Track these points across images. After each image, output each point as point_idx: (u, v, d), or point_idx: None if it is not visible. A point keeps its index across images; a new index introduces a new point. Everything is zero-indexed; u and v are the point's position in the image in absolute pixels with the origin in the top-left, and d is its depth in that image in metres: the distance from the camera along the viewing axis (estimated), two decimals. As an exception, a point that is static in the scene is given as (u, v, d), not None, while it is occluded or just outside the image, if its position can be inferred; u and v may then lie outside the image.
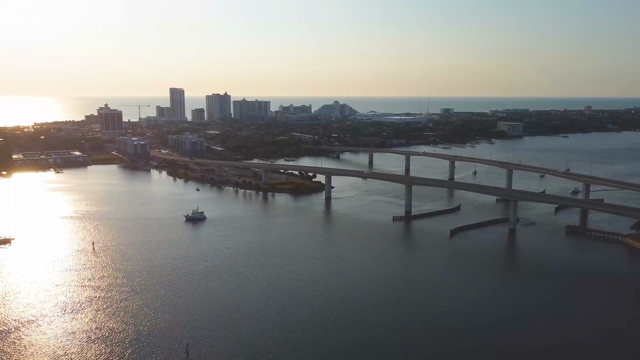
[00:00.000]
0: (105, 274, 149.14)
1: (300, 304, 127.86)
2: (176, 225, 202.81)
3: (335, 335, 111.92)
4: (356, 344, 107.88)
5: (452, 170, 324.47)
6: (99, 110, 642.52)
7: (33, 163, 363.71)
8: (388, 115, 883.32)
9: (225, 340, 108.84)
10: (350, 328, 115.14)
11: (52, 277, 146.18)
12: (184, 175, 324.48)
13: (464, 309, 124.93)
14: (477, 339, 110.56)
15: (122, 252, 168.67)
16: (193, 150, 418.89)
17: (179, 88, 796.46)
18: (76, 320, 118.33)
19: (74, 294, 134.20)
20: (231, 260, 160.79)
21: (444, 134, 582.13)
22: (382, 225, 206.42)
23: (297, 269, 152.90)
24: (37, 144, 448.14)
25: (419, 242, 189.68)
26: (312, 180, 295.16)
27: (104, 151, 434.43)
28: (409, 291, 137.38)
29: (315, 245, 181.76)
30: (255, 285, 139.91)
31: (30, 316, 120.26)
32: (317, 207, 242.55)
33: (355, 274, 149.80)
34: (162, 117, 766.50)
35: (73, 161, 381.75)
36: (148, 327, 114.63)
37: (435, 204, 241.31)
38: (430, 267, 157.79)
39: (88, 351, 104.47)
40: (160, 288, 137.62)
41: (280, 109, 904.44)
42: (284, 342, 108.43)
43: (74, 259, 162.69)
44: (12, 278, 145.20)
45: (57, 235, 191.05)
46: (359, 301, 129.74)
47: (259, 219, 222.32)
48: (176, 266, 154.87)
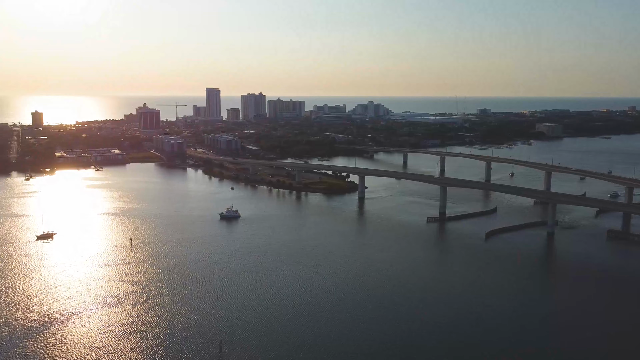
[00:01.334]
0: (142, 269, 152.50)
1: (332, 303, 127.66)
2: (211, 223, 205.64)
3: (367, 335, 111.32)
4: (389, 346, 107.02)
5: (489, 171, 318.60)
6: (138, 110, 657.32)
7: (75, 160, 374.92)
8: (423, 115, 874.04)
9: (257, 338, 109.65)
10: (383, 329, 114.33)
11: (92, 271, 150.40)
12: (219, 174, 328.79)
13: (498, 313, 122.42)
14: (512, 345, 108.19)
15: (159, 249, 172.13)
16: (228, 150, 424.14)
17: (215, 88, 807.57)
18: (114, 314, 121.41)
19: (112, 288, 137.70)
20: (264, 258, 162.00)
21: (480, 134, 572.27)
22: (415, 226, 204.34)
23: (329, 269, 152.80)
24: (78, 142, 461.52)
25: (454, 244, 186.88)
26: (345, 180, 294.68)
27: (142, 149, 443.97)
28: (444, 294, 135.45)
29: (348, 245, 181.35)
30: (287, 284, 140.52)
31: (71, 309, 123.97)
32: (350, 207, 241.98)
33: (388, 274, 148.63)
34: (199, 116, 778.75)
35: (112, 159, 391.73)
36: (182, 323, 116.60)
37: (471, 205, 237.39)
38: (465, 270, 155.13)
39: (124, 344, 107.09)
40: (195, 284, 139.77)
41: (315, 108, 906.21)
42: (315, 341, 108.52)
43: (113, 254, 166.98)
44: (53, 271, 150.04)
45: (97, 230, 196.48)
46: (392, 302, 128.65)
47: (292, 218, 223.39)
48: (210, 263, 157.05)
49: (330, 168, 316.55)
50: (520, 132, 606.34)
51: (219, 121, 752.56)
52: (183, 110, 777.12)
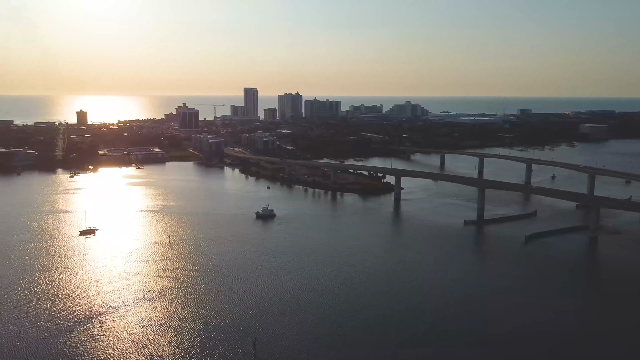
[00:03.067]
0: (180, 265, 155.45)
1: (365, 304, 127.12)
2: (247, 222, 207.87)
3: (400, 338, 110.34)
4: (423, 350, 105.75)
5: (529, 173, 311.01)
6: (178, 109, 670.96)
7: (117, 158, 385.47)
8: (462, 115, 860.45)
9: (291, 337, 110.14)
10: (417, 332, 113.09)
11: (131, 266, 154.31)
12: (256, 173, 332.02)
13: (538, 322, 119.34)
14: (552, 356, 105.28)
15: (196, 246, 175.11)
16: (265, 149, 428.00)
17: (252, 88, 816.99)
18: (152, 308, 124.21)
19: (151, 283, 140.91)
20: (299, 257, 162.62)
21: (520, 135, 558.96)
22: (453, 228, 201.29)
23: (363, 270, 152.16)
24: (120, 140, 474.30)
25: (492, 247, 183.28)
26: (381, 181, 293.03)
27: (181, 148, 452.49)
28: (481, 298, 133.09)
29: (383, 246, 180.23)
30: (322, 284, 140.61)
31: (111, 302, 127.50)
32: (386, 208, 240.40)
33: (423, 277, 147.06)
34: (236, 116, 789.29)
35: (153, 157, 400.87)
36: (217, 319, 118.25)
37: (510, 208, 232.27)
38: (503, 274, 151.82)
39: (161, 338, 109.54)
40: (230, 282, 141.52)
41: (351, 108, 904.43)
42: (347, 342, 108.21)
43: (151, 250, 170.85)
44: (95, 266, 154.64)
45: (137, 227, 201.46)
46: (427, 304, 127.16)
47: (328, 218, 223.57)
48: (246, 261, 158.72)
49: (366, 168, 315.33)
50: (562, 134, 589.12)
51: (256, 121, 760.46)
52: (221, 110, 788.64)
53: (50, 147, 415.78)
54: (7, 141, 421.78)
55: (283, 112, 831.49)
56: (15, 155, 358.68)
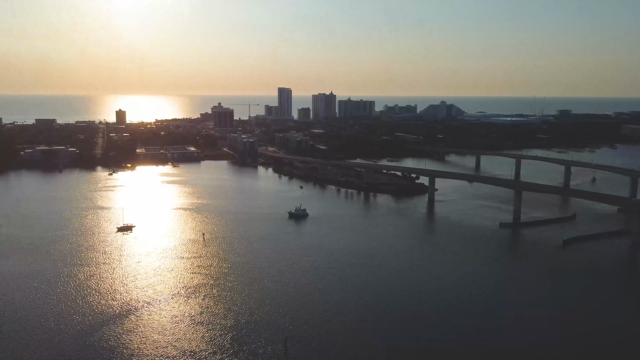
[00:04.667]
0: (213, 263, 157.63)
1: (396, 306, 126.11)
2: (280, 221, 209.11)
3: (430, 342, 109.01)
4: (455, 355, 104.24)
5: (568, 176, 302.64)
6: (213, 109, 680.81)
7: (153, 157, 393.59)
8: (498, 116, 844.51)
9: (322, 336, 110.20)
10: (451, 336, 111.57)
11: (166, 263, 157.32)
12: (289, 172, 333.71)
13: (575, 333, 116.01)
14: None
15: (230, 244, 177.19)
16: (298, 149, 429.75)
17: (286, 88, 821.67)
18: (185, 304, 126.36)
19: (185, 280, 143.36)
20: (331, 257, 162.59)
21: (559, 136, 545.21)
22: (488, 231, 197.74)
23: (395, 270, 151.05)
24: (157, 139, 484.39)
25: (528, 250, 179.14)
26: (414, 181, 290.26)
27: (216, 147, 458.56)
28: (518, 304, 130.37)
29: (416, 247, 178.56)
30: (352, 284, 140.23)
31: (147, 297, 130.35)
32: (420, 210, 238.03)
33: (457, 280, 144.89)
34: (270, 115, 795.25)
35: (188, 156, 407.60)
36: (248, 317, 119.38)
37: (547, 211, 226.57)
38: (539, 278, 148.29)
39: (194, 333, 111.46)
40: (263, 280, 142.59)
41: (385, 108, 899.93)
42: (377, 342, 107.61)
43: (186, 247, 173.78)
44: (131, 262, 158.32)
45: (172, 224, 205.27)
46: (460, 307, 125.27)
47: (360, 219, 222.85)
48: (278, 260, 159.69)
49: (400, 169, 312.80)
50: (603, 135, 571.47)
51: (290, 120, 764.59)
52: (255, 109, 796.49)
53: (90, 145, 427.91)
54: (50, 139, 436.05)
55: (317, 112, 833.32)
56: (57, 153, 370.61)
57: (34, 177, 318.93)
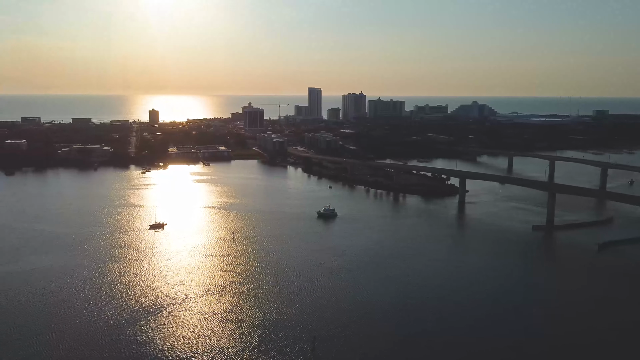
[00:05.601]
0: (242, 261, 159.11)
1: (428, 306, 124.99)
2: (309, 220, 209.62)
3: (462, 340, 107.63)
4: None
5: (604, 178, 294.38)
6: (243, 109, 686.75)
7: (185, 156, 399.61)
8: (532, 116, 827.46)
9: (350, 336, 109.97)
10: (479, 336, 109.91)
11: (196, 260, 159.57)
12: (318, 172, 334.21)
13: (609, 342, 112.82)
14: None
15: (259, 243, 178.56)
16: (327, 149, 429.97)
17: (316, 88, 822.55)
18: (214, 302, 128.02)
19: (214, 277, 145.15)
20: (359, 257, 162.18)
21: (595, 137, 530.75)
22: (520, 233, 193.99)
23: (424, 272, 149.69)
24: (189, 138, 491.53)
25: (562, 254, 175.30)
26: (445, 183, 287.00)
27: (246, 147, 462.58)
28: (552, 309, 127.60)
29: (445, 249, 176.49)
30: (381, 284, 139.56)
31: (177, 294, 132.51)
32: (450, 211, 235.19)
33: (487, 282, 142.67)
34: (300, 115, 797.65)
35: (219, 155, 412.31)
36: (276, 315, 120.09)
37: (582, 214, 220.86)
38: (574, 283, 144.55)
39: (223, 330, 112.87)
40: (291, 279, 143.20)
41: (415, 108, 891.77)
42: (405, 343, 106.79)
43: (216, 245, 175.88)
44: (162, 259, 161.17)
45: (202, 223, 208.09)
46: (490, 311, 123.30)
47: (389, 219, 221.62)
48: (306, 259, 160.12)
49: (430, 170, 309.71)
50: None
51: (320, 120, 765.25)
52: (285, 109, 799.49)
53: (124, 144, 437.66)
54: (86, 138, 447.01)
55: (346, 112, 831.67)
56: (93, 151, 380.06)
57: (71, 175, 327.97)
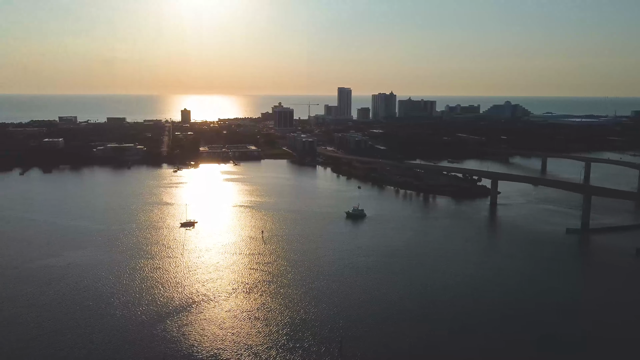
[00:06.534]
0: (271, 260, 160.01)
1: (457, 309, 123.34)
2: (337, 220, 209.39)
3: (491, 344, 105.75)
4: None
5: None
6: (274, 109, 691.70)
7: (216, 155, 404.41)
8: (567, 117, 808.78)
9: (377, 337, 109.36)
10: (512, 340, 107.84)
11: (226, 258, 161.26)
12: (347, 172, 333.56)
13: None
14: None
15: (287, 242, 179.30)
16: (357, 149, 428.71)
17: (346, 88, 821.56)
18: (243, 300, 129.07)
19: (243, 276, 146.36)
20: (388, 258, 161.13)
21: (634, 139, 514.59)
22: (553, 236, 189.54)
23: (453, 274, 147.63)
24: (219, 138, 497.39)
25: (597, 258, 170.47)
26: (476, 184, 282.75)
27: (276, 147, 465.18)
28: (586, 314, 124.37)
29: (475, 251, 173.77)
30: (409, 285, 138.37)
31: (206, 291, 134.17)
32: (481, 213, 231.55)
33: (520, 287, 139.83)
34: (330, 115, 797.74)
35: (249, 155, 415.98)
36: (304, 315, 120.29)
37: (619, 217, 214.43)
38: (610, 290, 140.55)
39: (251, 328, 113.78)
40: (319, 279, 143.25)
41: (446, 108, 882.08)
42: (432, 346, 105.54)
43: (245, 244, 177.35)
44: (193, 256, 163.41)
45: (232, 221, 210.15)
46: (522, 315, 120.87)
47: (418, 220, 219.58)
48: (335, 260, 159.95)
49: (460, 170, 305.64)
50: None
51: (349, 120, 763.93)
52: (315, 109, 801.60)
53: (157, 143, 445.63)
54: (120, 137, 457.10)
55: (376, 111, 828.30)
56: (127, 150, 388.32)
57: (105, 173, 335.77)
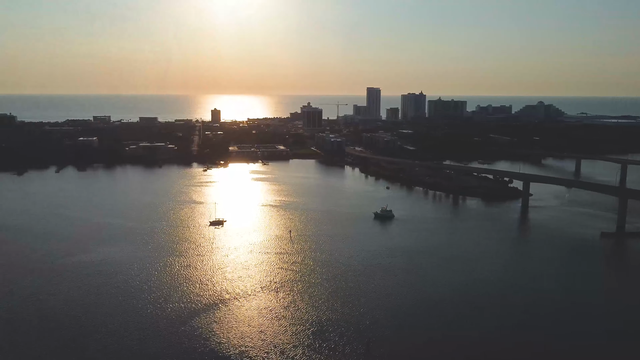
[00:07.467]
0: (299, 259, 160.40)
1: (486, 313, 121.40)
2: (365, 221, 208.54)
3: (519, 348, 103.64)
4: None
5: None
6: (302, 109, 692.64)
7: (245, 155, 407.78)
8: (602, 117, 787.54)
9: (405, 341, 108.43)
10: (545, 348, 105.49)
11: (254, 257, 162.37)
12: (376, 172, 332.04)
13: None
14: None
15: (315, 242, 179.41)
16: (386, 149, 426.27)
17: (375, 88, 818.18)
18: (270, 298, 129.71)
19: (270, 274, 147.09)
20: (416, 260, 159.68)
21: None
22: (587, 240, 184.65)
23: (483, 277, 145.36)
24: (249, 137, 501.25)
25: (634, 262, 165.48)
26: (507, 185, 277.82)
27: (305, 146, 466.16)
28: (624, 323, 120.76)
29: (506, 254, 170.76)
30: (438, 287, 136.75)
31: (235, 290, 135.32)
32: (512, 215, 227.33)
33: (552, 292, 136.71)
34: (359, 115, 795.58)
35: (277, 154, 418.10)
36: (330, 315, 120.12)
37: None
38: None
39: (278, 327, 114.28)
40: (346, 279, 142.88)
41: (477, 109, 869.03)
42: (462, 351, 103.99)
43: (273, 243, 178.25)
44: (221, 255, 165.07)
45: (260, 220, 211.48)
46: (555, 325, 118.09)
47: (448, 222, 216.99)
48: (362, 260, 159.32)
49: (492, 172, 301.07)
50: None
51: (378, 120, 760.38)
52: (344, 109, 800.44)
53: (187, 142, 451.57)
54: (152, 136, 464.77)
55: (405, 112, 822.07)
56: (158, 149, 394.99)
57: (137, 171, 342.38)
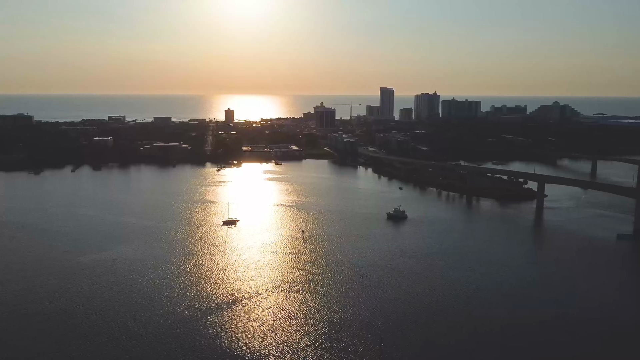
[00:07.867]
0: (311, 260, 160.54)
1: (497, 317, 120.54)
2: (378, 222, 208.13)
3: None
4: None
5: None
6: (315, 109, 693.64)
7: (258, 155, 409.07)
8: (620, 118, 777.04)
9: (418, 343, 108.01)
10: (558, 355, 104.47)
11: (267, 257, 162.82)
12: (389, 173, 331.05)
13: None
14: None
15: (328, 242, 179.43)
16: (399, 149, 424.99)
17: (389, 88, 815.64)
18: (283, 298, 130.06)
19: (283, 274, 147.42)
20: (429, 261, 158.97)
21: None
22: (603, 242, 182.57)
23: (497, 279, 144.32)
24: (262, 137, 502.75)
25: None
26: (522, 186, 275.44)
27: (318, 146, 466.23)
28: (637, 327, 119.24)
29: (520, 256, 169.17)
30: (451, 289, 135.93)
31: (247, 289, 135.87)
32: (526, 217, 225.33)
33: (566, 296, 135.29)
34: (372, 115, 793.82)
35: (290, 155, 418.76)
36: (342, 315, 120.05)
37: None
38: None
39: (290, 326, 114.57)
40: (359, 280, 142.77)
41: (492, 109, 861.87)
42: (474, 351, 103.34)
43: (286, 243, 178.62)
44: (234, 254, 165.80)
45: (273, 220, 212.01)
46: (572, 330, 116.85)
47: (461, 223, 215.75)
48: (375, 260, 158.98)
49: (506, 173, 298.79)
50: None
51: (391, 121, 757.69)
52: (357, 109, 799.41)
53: (201, 142, 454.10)
54: (166, 136, 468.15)
55: (419, 112, 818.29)
56: (172, 149, 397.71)
57: (151, 171, 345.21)
